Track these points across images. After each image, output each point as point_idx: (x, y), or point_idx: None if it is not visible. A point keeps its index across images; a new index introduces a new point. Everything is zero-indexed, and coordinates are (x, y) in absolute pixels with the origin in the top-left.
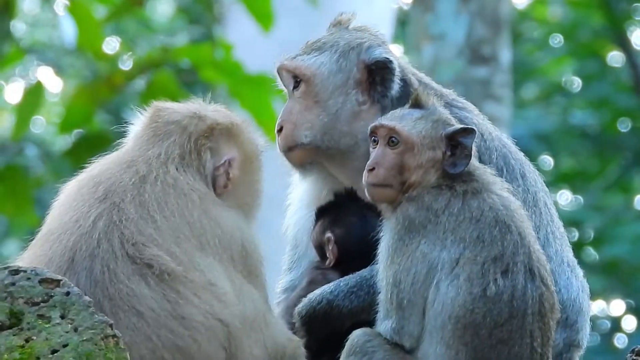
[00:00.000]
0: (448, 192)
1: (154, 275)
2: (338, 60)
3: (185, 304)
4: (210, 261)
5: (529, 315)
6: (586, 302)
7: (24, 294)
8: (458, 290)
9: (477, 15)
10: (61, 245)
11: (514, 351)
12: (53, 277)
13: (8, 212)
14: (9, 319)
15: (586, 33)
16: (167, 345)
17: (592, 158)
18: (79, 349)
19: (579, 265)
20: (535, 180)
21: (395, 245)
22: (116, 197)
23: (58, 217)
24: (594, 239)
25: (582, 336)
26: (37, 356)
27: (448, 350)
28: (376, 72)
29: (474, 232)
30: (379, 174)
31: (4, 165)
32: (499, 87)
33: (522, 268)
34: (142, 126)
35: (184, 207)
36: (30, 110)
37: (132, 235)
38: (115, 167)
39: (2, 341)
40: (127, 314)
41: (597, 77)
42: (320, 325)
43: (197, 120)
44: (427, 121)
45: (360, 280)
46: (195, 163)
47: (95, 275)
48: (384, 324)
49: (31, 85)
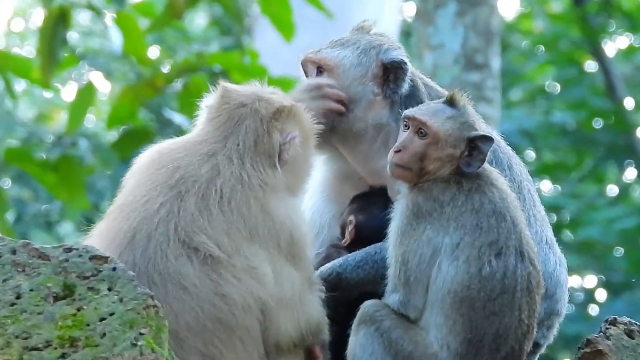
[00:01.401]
0: (455, 187)
1: (198, 259)
2: (359, 55)
3: (226, 284)
4: (256, 249)
5: (518, 292)
6: (563, 275)
7: (76, 269)
8: (457, 269)
9: (471, 28)
10: (127, 223)
11: (504, 322)
12: (102, 255)
13: (63, 197)
14: (63, 290)
15: (565, 44)
16: (209, 316)
17: (570, 152)
18: (123, 317)
19: (559, 244)
20: (520, 171)
21: (405, 228)
22: (184, 187)
23: (132, 191)
24: (571, 222)
25: (560, 305)
26: (87, 323)
27: (446, 319)
28: (391, 71)
29: (473, 221)
30: (404, 157)
31: (60, 155)
32: (490, 90)
33: (514, 251)
34: (215, 107)
35: (245, 203)
36: (82, 108)
37: (186, 224)
38: (196, 155)
39: (56, 310)
40: (175, 287)
41: (575, 82)
42: (331, 293)
43: (266, 104)
44: (455, 122)
45: (366, 256)
46: (267, 146)
47: (149, 253)
48: (392, 296)
49: (83, 86)
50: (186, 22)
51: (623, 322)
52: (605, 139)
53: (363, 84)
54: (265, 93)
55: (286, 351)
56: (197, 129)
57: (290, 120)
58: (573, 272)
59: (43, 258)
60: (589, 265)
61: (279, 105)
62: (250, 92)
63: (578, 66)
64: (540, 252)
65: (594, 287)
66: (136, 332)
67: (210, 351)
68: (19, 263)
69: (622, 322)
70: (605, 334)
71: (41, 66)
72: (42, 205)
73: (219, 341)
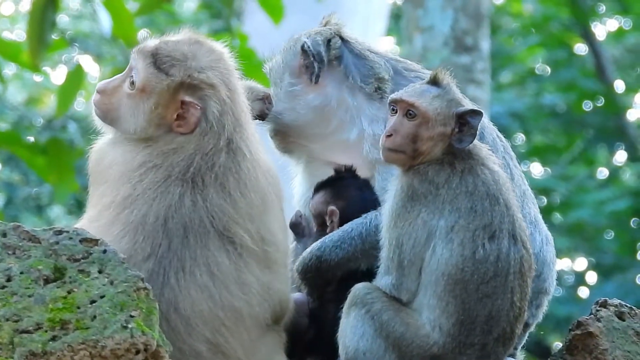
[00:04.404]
0: (449, 168)
1: (235, 251)
2: (285, 53)
3: (248, 273)
4: (271, 219)
5: (510, 274)
6: (550, 254)
7: (66, 252)
8: (451, 252)
9: (461, 10)
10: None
11: (497, 304)
12: (92, 237)
13: (53, 180)
14: (54, 273)
15: (555, 26)
16: (225, 304)
17: (560, 134)
18: (114, 299)
19: (549, 227)
20: (495, 141)
21: (399, 211)
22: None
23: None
24: (561, 204)
25: (548, 284)
26: (77, 306)
27: (439, 301)
28: (308, 56)
29: (468, 204)
30: (396, 140)
31: (49, 139)
32: (480, 72)
33: (507, 234)
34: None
35: (256, 178)
36: (71, 91)
37: (216, 214)
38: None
39: (47, 292)
40: (203, 275)
41: (565, 64)
42: (315, 277)
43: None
44: (442, 100)
45: (343, 235)
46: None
47: (189, 242)
48: (384, 279)
49: (73, 69)
50: (176, 5)
51: (614, 304)
52: (596, 121)
53: (281, 78)
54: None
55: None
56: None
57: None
58: (563, 255)
59: (34, 241)
60: (579, 247)
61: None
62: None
63: (568, 48)
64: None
65: (585, 270)
66: (127, 315)
67: (217, 339)
68: (9, 246)
69: (612, 304)
70: (596, 316)
71: (30, 49)
72: (32, 189)
73: (226, 330)
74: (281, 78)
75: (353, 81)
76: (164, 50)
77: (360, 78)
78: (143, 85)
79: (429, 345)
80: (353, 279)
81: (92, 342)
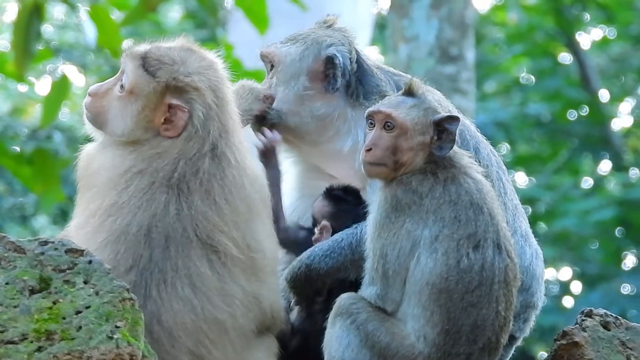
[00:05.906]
0: (432, 177)
1: (219, 260)
2: (303, 51)
3: (232, 282)
4: (257, 226)
5: (495, 284)
6: (540, 268)
7: (52, 262)
8: (436, 262)
9: (446, 20)
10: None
11: (482, 313)
12: (77, 248)
13: (38, 190)
14: (39, 284)
15: (540, 35)
16: (208, 316)
17: (545, 144)
18: (99, 310)
19: (534, 236)
20: (489, 156)
21: (383, 221)
22: (184, 184)
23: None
24: (546, 214)
25: (537, 298)
26: (63, 316)
27: (424, 311)
28: (329, 66)
29: (452, 213)
30: (376, 154)
31: (34, 149)
32: (465, 82)
33: (491, 244)
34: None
35: (242, 185)
36: (56, 101)
37: (200, 222)
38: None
39: (33, 303)
40: (185, 286)
41: (549, 74)
42: (304, 286)
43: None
44: (419, 109)
45: (333, 244)
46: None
47: (170, 253)
48: (369, 289)
49: (58, 79)
50: (161, 15)
51: (599, 314)
52: (580, 130)
53: (296, 79)
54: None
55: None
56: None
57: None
58: (548, 264)
59: (19, 251)
60: (564, 257)
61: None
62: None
63: (553, 58)
64: (515, 245)
65: (569, 279)
66: (112, 325)
67: (200, 351)
68: None
69: (598, 313)
70: (581, 326)
71: (15, 60)
72: (17, 199)
73: (210, 342)
74: (296, 79)
75: (357, 96)
76: (154, 54)
77: (364, 95)
78: (131, 88)
79: (414, 355)
80: (342, 288)
81: (77, 353)
